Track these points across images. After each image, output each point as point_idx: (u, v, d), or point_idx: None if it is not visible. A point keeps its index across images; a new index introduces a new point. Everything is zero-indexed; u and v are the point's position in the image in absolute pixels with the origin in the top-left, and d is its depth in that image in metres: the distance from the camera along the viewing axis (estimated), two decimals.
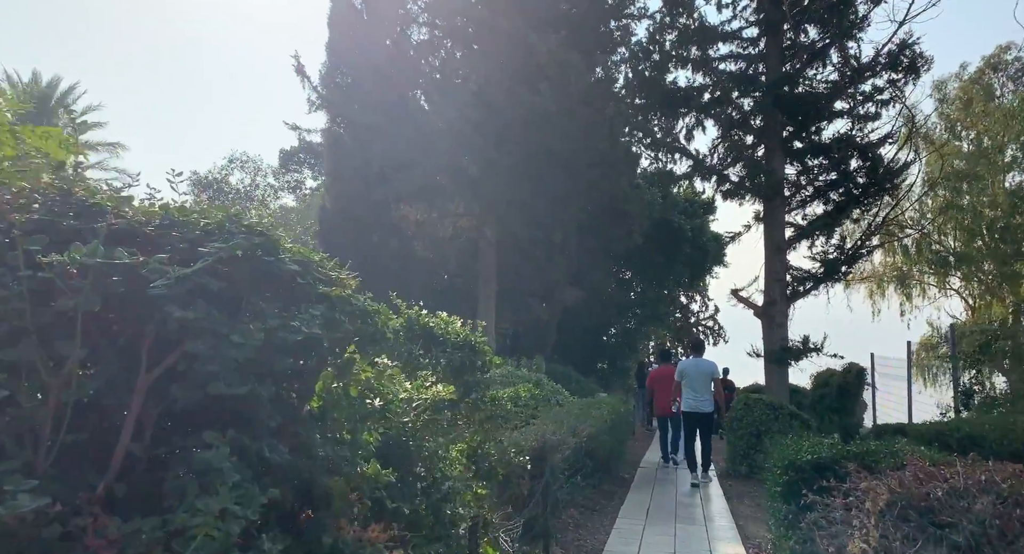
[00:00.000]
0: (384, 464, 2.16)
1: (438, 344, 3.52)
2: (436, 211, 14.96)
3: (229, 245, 1.61)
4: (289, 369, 1.70)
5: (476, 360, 3.57)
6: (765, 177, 10.67)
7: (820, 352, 10.84)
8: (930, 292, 32.05)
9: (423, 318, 3.67)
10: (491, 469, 3.45)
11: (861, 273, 30.56)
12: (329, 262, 2.01)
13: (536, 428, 5.77)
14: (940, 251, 28.78)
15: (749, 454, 9.92)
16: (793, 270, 11.38)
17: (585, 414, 7.92)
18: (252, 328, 1.53)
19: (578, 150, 14.72)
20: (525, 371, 10.04)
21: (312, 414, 1.86)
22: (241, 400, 1.54)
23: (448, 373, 3.41)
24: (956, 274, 30.46)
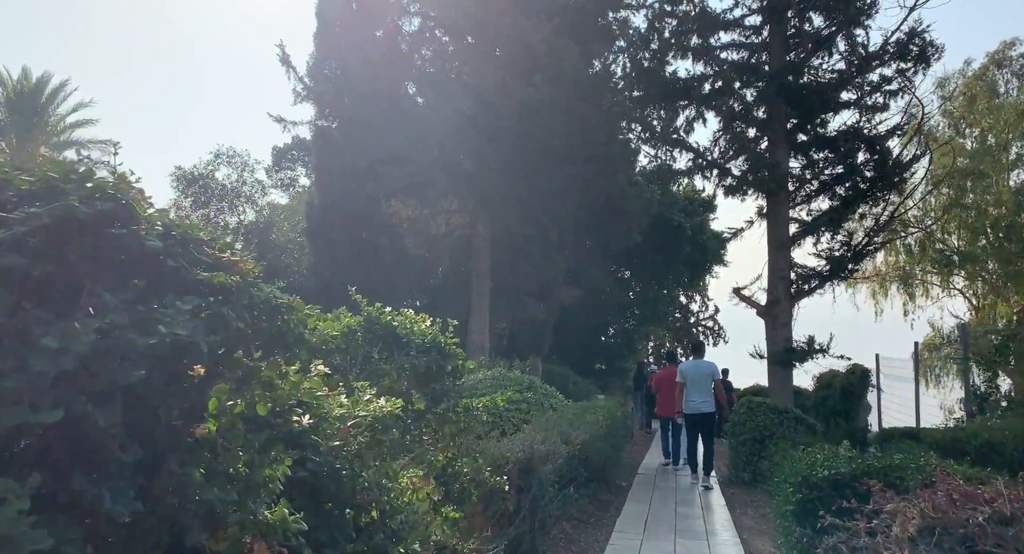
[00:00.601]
0: (308, 502, 1.70)
1: (401, 346, 3.06)
2: (428, 207, 14.50)
3: (51, 209, 1.14)
4: (152, 383, 1.24)
5: (446, 364, 3.11)
6: (768, 171, 10.22)
7: (826, 353, 10.39)
8: (933, 292, 31.60)
9: (385, 317, 3.21)
10: (464, 490, 3.00)
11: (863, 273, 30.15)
12: (220, 240, 1.53)
13: (524, 436, 5.31)
14: (944, 250, 28.34)
15: (752, 461, 9.46)
16: (797, 268, 10.92)
17: (579, 419, 7.46)
18: (78, 328, 1.08)
19: (574, 144, 14.26)
20: (517, 373, 9.58)
21: (203, 442, 1.40)
22: (65, 427, 1.08)
23: (413, 380, 2.96)
24: (960, 273, 30.03)
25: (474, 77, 13.68)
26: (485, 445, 5.10)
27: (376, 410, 1.96)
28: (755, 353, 11.11)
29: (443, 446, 3.06)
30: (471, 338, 15.06)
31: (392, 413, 2.05)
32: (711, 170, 11.23)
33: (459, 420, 3.15)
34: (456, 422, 3.12)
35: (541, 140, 13.84)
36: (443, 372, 3.08)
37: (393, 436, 2.11)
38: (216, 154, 16.08)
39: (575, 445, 6.67)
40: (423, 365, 2.94)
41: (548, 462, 4.94)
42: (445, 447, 3.07)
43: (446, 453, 3.07)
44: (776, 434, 9.29)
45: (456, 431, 3.12)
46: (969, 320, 30.38)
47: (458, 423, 3.14)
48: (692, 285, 31.05)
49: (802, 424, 9.40)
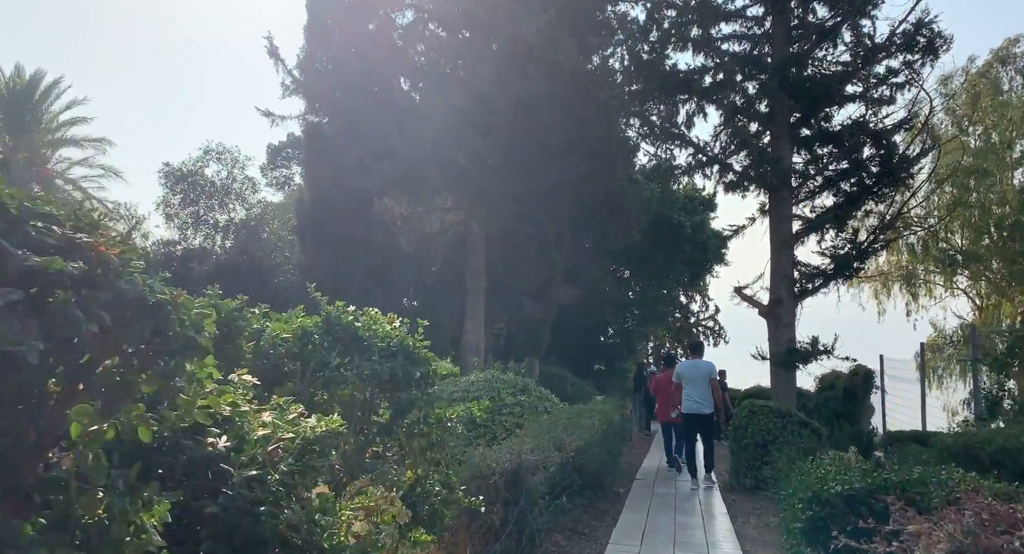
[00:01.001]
0: (219, 546, 1.37)
1: (362, 350, 2.72)
2: (422, 204, 14.16)
3: None
4: None
5: (414, 370, 2.76)
6: (771, 166, 9.87)
7: (831, 354, 10.04)
8: (936, 292, 31.26)
9: (347, 317, 2.85)
10: (435, 511, 2.66)
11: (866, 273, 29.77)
12: (87, 217, 1.19)
13: (513, 444, 4.98)
14: (947, 249, 28.01)
15: (755, 466, 9.12)
16: (801, 266, 10.58)
17: (574, 424, 7.12)
18: None
19: (571, 140, 13.93)
20: (511, 375, 9.24)
21: (47, 483, 1.07)
22: None
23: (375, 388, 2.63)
24: (963, 273, 29.70)
25: (468, 71, 13.34)
26: (470, 454, 4.77)
27: (307, 430, 1.63)
28: (757, 354, 10.77)
29: (411, 462, 2.73)
30: (466, 338, 14.73)
31: (331, 431, 1.72)
32: (711, 166, 10.88)
33: (431, 432, 2.81)
34: (427, 435, 2.79)
35: (537, 135, 13.51)
36: (411, 379, 2.73)
37: (331, 459, 1.79)
38: (205, 150, 15.77)
39: (569, 452, 6.33)
40: (387, 371, 2.59)
41: (538, 472, 4.60)
42: (414, 463, 2.74)
43: (415, 470, 2.74)
44: (779, 439, 8.95)
45: (427, 445, 2.78)
46: (973, 320, 30.03)
47: (429, 436, 2.80)
48: (692, 285, 30.72)
49: (806, 428, 9.06)
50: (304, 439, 1.57)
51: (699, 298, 35.13)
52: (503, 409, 8.52)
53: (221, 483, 1.40)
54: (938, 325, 30.80)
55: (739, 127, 9.72)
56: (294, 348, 2.58)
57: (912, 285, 28.46)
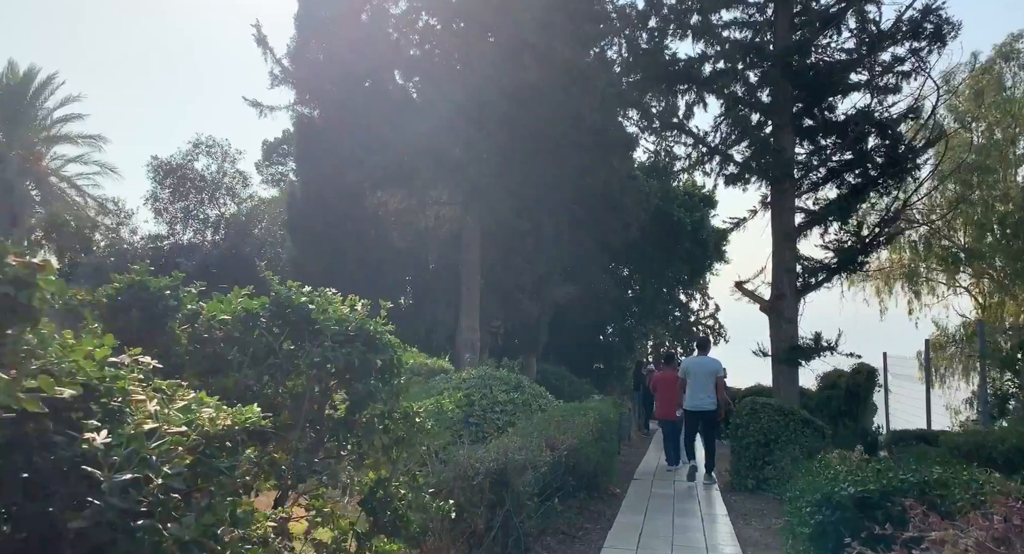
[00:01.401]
0: None
1: (314, 335, 2.40)
2: (416, 198, 13.84)
3: None
4: None
5: (374, 358, 2.45)
6: (773, 157, 9.56)
7: (835, 350, 9.72)
8: (938, 290, 30.98)
9: (299, 298, 2.53)
10: (399, 517, 2.35)
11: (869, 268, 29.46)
12: None
13: (499, 443, 4.67)
14: (950, 247, 27.70)
15: (756, 466, 8.82)
16: (803, 260, 10.27)
17: (568, 422, 6.82)
18: None
19: (568, 132, 13.62)
20: (504, 372, 8.93)
21: None
22: None
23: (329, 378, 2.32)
24: (966, 271, 29.41)
25: (463, 62, 13.04)
26: (453, 453, 4.47)
27: (204, 422, 1.32)
28: (759, 350, 10.46)
29: (372, 462, 2.43)
30: (461, 335, 14.42)
31: (240, 427, 1.41)
32: (712, 157, 10.56)
33: (396, 428, 2.51)
34: (391, 431, 2.49)
35: (533, 128, 13.20)
36: (370, 368, 2.42)
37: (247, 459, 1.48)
38: (195, 144, 15.46)
39: (561, 451, 6.03)
40: (342, 359, 2.28)
41: (526, 472, 4.30)
42: (376, 463, 2.44)
43: (377, 471, 2.43)
44: (782, 438, 8.65)
45: (391, 442, 2.48)
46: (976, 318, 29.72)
47: (394, 432, 2.50)
48: (692, 283, 30.40)
49: (810, 427, 8.75)
50: (203, 434, 1.28)
51: (699, 296, 34.80)
52: (495, 407, 8.23)
53: (90, 490, 1.10)
54: (940, 323, 30.49)
55: (740, 116, 9.40)
56: (234, 332, 2.27)
57: (914, 283, 28.15)
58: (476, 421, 8.10)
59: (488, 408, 8.22)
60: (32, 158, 31.91)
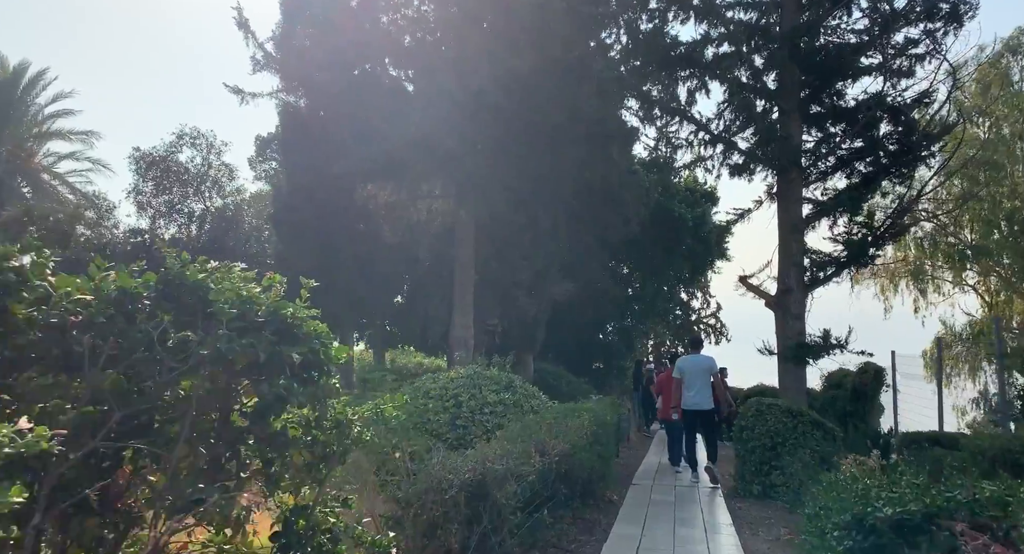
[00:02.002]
0: None
1: (207, 321, 1.88)
2: (407, 191, 13.33)
3: None
4: None
5: (290, 352, 1.92)
6: (780, 144, 9.03)
7: (844, 348, 9.20)
8: (944, 288, 30.48)
9: (195, 274, 1.99)
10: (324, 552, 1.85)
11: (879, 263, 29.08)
12: None
13: (478, 450, 4.17)
14: (956, 244, 27.17)
15: (762, 470, 8.31)
16: (812, 253, 9.74)
17: (560, 425, 6.31)
18: None
19: (565, 122, 13.09)
20: (495, 371, 8.41)
21: None
22: None
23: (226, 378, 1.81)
24: (973, 268, 28.89)
25: (456, 49, 12.52)
26: (426, 462, 3.96)
27: None
28: (764, 348, 9.93)
29: (289, 484, 1.93)
30: (454, 333, 13.91)
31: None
32: (715, 145, 10.04)
33: (328, 441, 2.00)
34: (322, 443, 1.98)
35: (530, 118, 12.67)
36: (281, 363, 1.91)
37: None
38: (179, 135, 14.90)
39: (552, 457, 5.51)
40: (239, 351, 1.76)
41: (507, 483, 3.79)
42: (293, 484, 1.94)
43: (294, 495, 1.93)
44: (790, 441, 8.14)
45: (315, 459, 1.97)
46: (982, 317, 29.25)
47: (323, 446, 1.99)
48: (693, 281, 29.87)
49: (820, 429, 8.23)
50: None
51: (700, 295, 34.29)
52: (485, 408, 7.73)
53: None
54: (947, 322, 30.02)
55: (745, 101, 8.87)
56: (98, 318, 1.74)
57: (920, 281, 27.65)
58: (464, 423, 7.60)
59: (477, 410, 7.72)
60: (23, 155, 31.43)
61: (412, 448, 4.84)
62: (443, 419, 7.58)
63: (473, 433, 7.46)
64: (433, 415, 7.67)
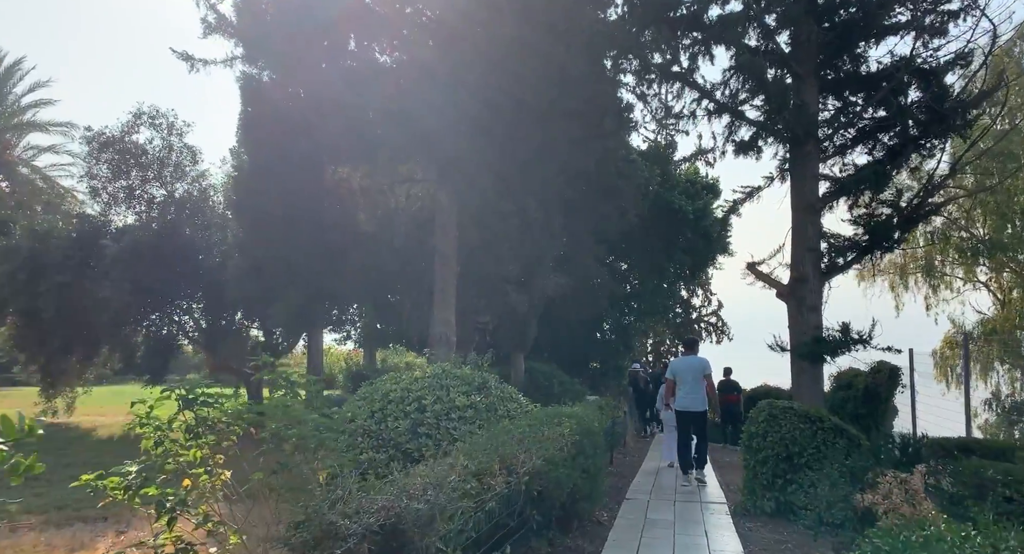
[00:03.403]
0: None
1: None
2: (382, 173, 12.20)
3: None
4: None
5: None
6: (794, 112, 7.93)
7: (868, 344, 8.07)
8: (955, 285, 29.36)
9: None
10: None
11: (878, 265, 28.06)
12: None
13: (401, 481, 3.04)
14: (968, 238, 26.03)
15: (775, 484, 7.18)
16: (830, 237, 8.62)
17: (535, 434, 5.18)
18: None
19: (555, 98, 11.97)
20: (466, 370, 7.28)
21: None
22: None
23: None
24: (985, 264, 27.78)
25: (433, 14, 11.39)
26: (326, 497, 2.83)
27: None
28: (775, 344, 8.81)
29: None
30: (434, 330, 12.76)
31: None
32: (720, 116, 8.92)
33: None
34: None
35: (515, 93, 11.54)
36: None
37: None
38: (136, 114, 13.73)
39: (521, 477, 4.39)
40: None
41: (434, 524, 2.66)
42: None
43: None
44: (808, 450, 7.01)
45: None
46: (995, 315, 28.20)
47: None
48: (693, 277, 28.76)
49: (842, 437, 7.10)
50: None
51: (701, 292, 33.20)
52: (452, 413, 6.60)
53: None
54: (956, 320, 28.94)
55: (755, 63, 7.75)
56: None
57: (932, 277, 26.54)
58: (428, 431, 6.47)
59: (443, 415, 6.59)
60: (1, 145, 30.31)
61: (332, 466, 3.72)
62: (403, 427, 6.46)
63: (439, 441, 6.35)
64: (392, 422, 6.55)
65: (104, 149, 13.39)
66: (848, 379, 14.95)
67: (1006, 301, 27.94)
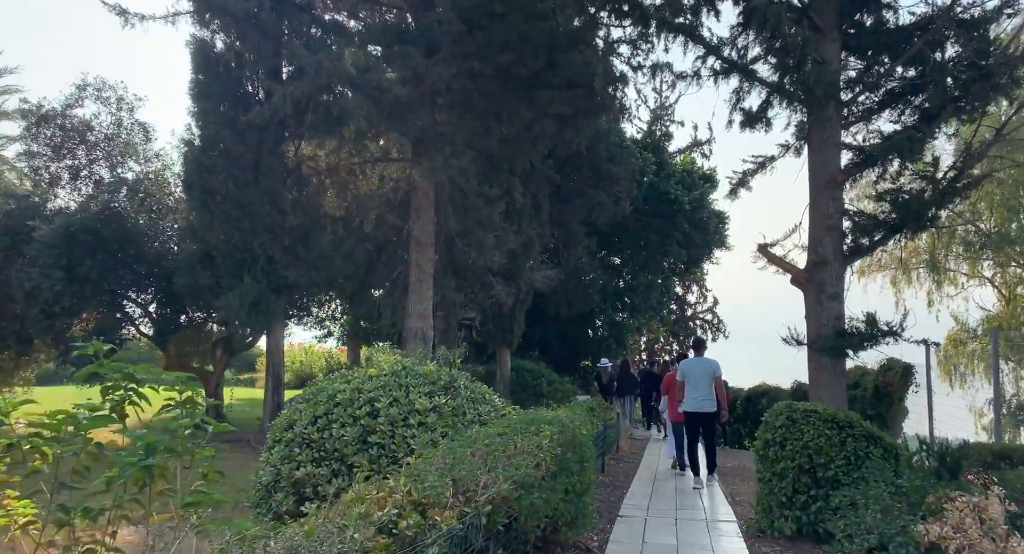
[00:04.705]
0: None
1: None
2: (351, 150, 11.00)
3: None
4: None
5: None
6: (815, 69, 6.82)
7: (899, 336, 6.97)
8: (959, 280, 28.42)
9: None
10: None
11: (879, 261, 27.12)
12: None
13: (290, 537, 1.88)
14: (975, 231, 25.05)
15: (796, 501, 6.06)
16: (854, 215, 7.52)
17: (504, 447, 4.03)
18: None
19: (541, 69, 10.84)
20: (431, 366, 6.11)
21: None
22: None
23: None
24: (989, 258, 26.84)
25: None
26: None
27: None
28: (791, 337, 7.71)
29: None
30: (410, 324, 11.59)
31: None
32: (728, 76, 7.80)
33: None
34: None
35: (498, 61, 10.36)
36: None
37: None
38: (80, 86, 12.37)
39: (480, 505, 3.25)
40: None
41: None
42: None
43: None
44: (836, 461, 5.89)
45: None
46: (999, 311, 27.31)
47: None
48: (689, 271, 27.69)
49: (876, 445, 5.98)
50: None
51: (696, 288, 32.20)
52: (411, 418, 5.44)
53: None
54: (960, 317, 28.01)
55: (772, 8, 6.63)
56: None
57: (936, 271, 25.55)
58: (380, 440, 5.31)
59: (400, 420, 5.43)
60: None
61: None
62: (349, 435, 5.30)
63: (394, 453, 5.19)
64: (337, 429, 5.38)
65: (41, 124, 12.09)
66: (855, 378, 13.88)
67: (1011, 297, 27.04)
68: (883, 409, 13.83)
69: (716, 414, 8.63)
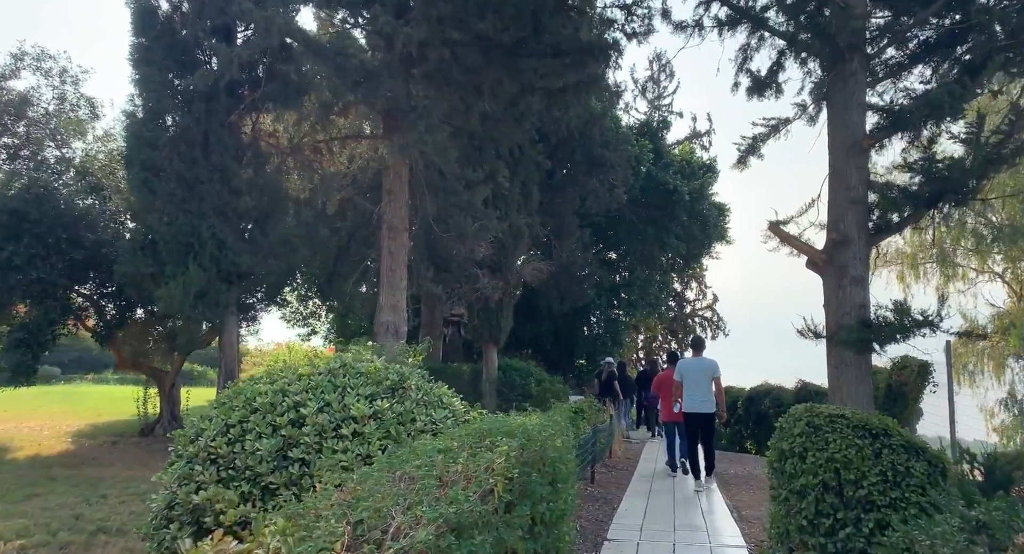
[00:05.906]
0: None
1: None
2: (314, 124, 9.90)
3: None
4: None
5: None
6: (837, 17, 5.76)
7: (936, 327, 5.90)
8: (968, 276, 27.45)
9: None
10: None
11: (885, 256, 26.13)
12: None
13: None
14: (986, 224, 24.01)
15: (819, 525, 4.98)
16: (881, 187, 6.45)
17: (443, 470, 2.95)
18: None
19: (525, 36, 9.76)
20: (378, 363, 5.03)
21: None
22: None
23: None
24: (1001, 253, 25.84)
25: None
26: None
27: None
28: (807, 328, 6.62)
29: None
30: (381, 317, 10.50)
31: None
32: (735, 28, 6.75)
33: None
34: None
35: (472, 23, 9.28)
36: None
37: None
38: (17, 56, 11.20)
39: None
40: None
41: None
42: None
43: None
44: (870, 477, 4.83)
45: None
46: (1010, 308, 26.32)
47: None
48: (688, 266, 26.66)
49: (918, 458, 4.91)
50: None
51: (695, 285, 31.22)
52: (345, 426, 4.36)
53: None
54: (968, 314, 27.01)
55: None
56: None
57: (946, 266, 24.55)
58: (303, 455, 4.24)
59: (329, 430, 4.36)
60: None
61: None
62: (266, 448, 4.22)
63: (317, 474, 4.11)
64: (251, 441, 4.30)
65: None
66: None
67: (1022, 294, 26.09)
68: (897, 410, 12.96)
69: (715, 415, 8.56)
